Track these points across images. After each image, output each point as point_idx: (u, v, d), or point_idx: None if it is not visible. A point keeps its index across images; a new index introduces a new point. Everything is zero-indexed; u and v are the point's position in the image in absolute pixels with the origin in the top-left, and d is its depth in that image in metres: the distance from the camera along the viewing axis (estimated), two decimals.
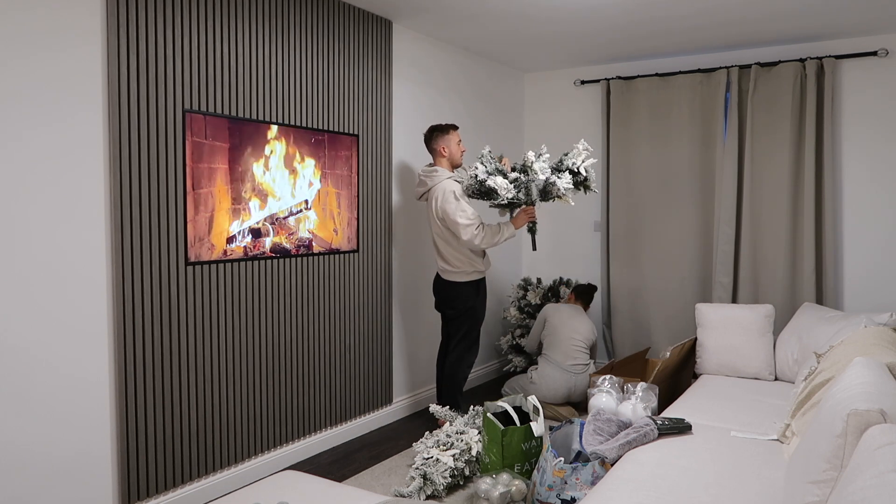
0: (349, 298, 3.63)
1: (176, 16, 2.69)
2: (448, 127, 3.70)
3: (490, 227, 3.56)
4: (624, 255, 4.87)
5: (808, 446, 1.77)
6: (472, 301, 3.73)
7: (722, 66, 4.46)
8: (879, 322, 3.12)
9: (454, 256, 3.66)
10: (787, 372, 3.49)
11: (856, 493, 1.28)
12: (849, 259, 4.21)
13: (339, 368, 3.59)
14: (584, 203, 5.08)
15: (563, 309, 4.20)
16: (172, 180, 2.71)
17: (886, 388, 1.75)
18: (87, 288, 2.46)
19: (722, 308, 3.77)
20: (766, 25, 3.88)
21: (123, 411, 2.57)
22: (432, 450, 3.01)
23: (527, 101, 5.37)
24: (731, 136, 4.39)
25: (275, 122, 3.14)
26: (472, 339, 3.79)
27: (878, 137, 4.11)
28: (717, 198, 4.46)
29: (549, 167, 3.50)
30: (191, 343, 2.82)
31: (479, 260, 3.72)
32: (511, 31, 4.05)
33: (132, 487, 2.62)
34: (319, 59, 3.38)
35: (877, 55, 4.06)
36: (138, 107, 2.57)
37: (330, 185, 3.46)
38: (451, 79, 4.44)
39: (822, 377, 2.41)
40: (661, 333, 4.75)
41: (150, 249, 2.64)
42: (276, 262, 3.19)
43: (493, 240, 3.56)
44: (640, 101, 4.73)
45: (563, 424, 2.87)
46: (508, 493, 2.66)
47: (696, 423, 2.76)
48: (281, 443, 3.27)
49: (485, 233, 3.53)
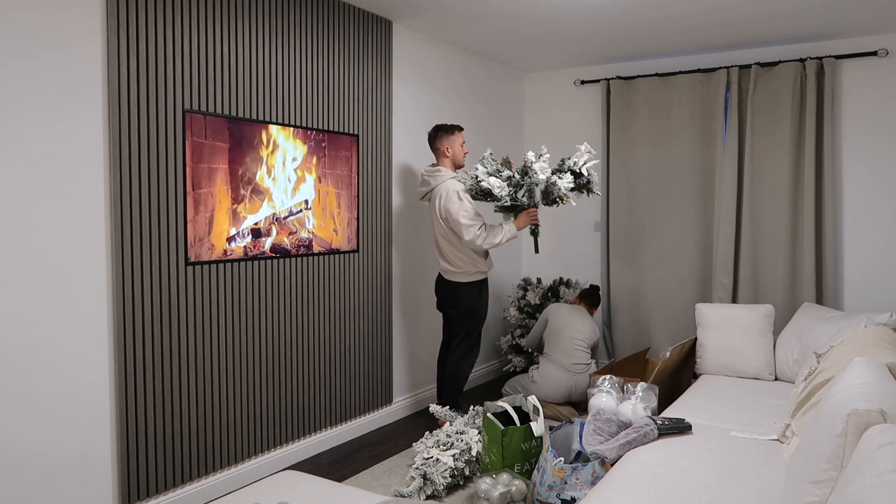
0: (349, 298, 3.63)
1: (176, 16, 2.69)
2: (453, 128, 3.71)
3: (492, 228, 3.57)
4: (624, 255, 4.86)
5: (808, 446, 1.77)
6: (474, 301, 3.73)
7: (722, 66, 4.46)
8: (879, 322, 3.12)
9: (457, 257, 3.66)
10: (787, 372, 3.49)
11: (856, 493, 1.28)
12: (849, 259, 4.21)
13: (339, 368, 3.59)
14: (584, 203, 5.08)
15: (566, 309, 4.20)
16: (172, 180, 2.71)
17: (886, 388, 1.75)
18: (87, 288, 2.46)
19: (722, 308, 3.77)
20: (766, 25, 3.88)
21: (123, 411, 2.57)
22: (432, 450, 3.01)
23: (527, 101, 5.36)
24: (731, 136, 4.39)
25: (275, 122, 3.14)
26: (473, 340, 3.79)
27: (877, 137, 4.11)
28: (717, 198, 4.46)
29: (549, 168, 3.50)
30: (191, 343, 2.82)
31: (481, 260, 3.72)
32: (511, 31, 4.05)
33: (132, 487, 2.62)
34: (319, 59, 3.38)
35: (877, 55, 4.06)
36: (138, 107, 2.57)
37: (330, 185, 3.46)
38: (451, 79, 4.44)
39: (822, 377, 2.41)
40: (661, 333, 4.75)
41: (150, 249, 2.64)
42: (276, 262, 3.19)
43: (495, 240, 3.56)
44: (640, 101, 4.73)
45: (563, 424, 2.87)
46: (508, 493, 2.66)
47: (696, 423, 2.76)
48: (281, 443, 3.27)
49: (487, 233, 3.55)
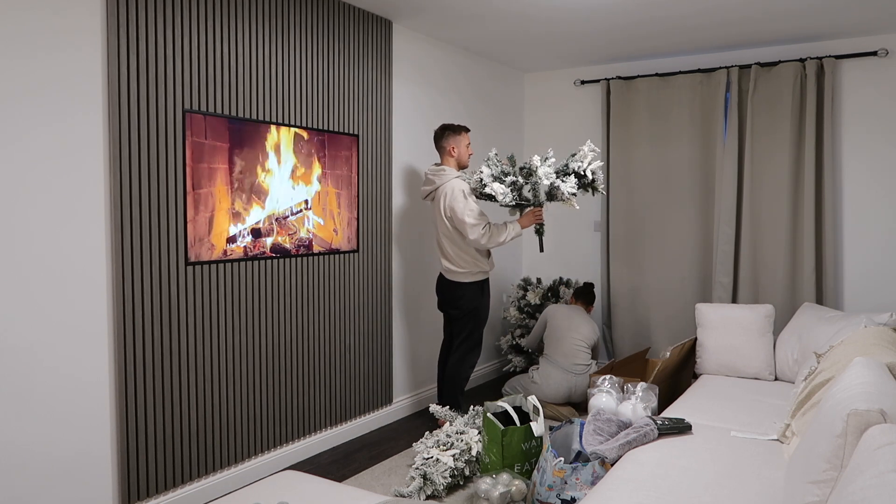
0: (349, 298, 3.63)
1: (176, 16, 2.69)
2: (460, 128, 3.73)
3: (496, 227, 3.59)
4: (624, 255, 4.87)
5: (808, 446, 1.77)
6: (476, 301, 3.74)
7: (722, 66, 4.46)
8: (879, 322, 3.12)
9: (460, 256, 3.67)
10: (787, 372, 3.49)
11: (856, 493, 1.28)
12: (849, 259, 4.22)
13: (339, 368, 3.59)
14: (584, 203, 5.08)
15: (565, 310, 4.20)
16: (172, 180, 2.71)
17: (886, 388, 1.75)
18: (87, 288, 2.46)
19: (722, 308, 3.77)
20: (766, 25, 3.88)
21: (123, 411, 2.57)
22: (432, 450, 3.01)
23: (527, 101, 5.36)
24: (731, 136, 4.39)
25: (275, 122, 3.14)
26: (474, 340, 3.80)
27: (877, 137, 4.11)
28: (717, 198, 4.46)
29: (553, 172, 3.48)
30: (191, 343, 2.82)
31: (483, 260, 3.73)
32: (511, 31, 4.05)
33: (132, 487, 2.62)
34: (319, 59, 3.38)
35: (877, 55, 4.06)
36: (138, 107, 2.57)
37: (330, 185, 3.46)
38: (451, 79, 4.44)
39: (822, 377, 2.41)
40: (661, 333, 4.75)
41: (150, 249, 2.64)
42: (276, 262, 3.19)
43: (499, 239, 3.57)
44: (640, 101, 4.73)
45: (563, 424, 2.87)
46: (508, 493, 2.66)
47: (696, 423, 2.76)
48: (281, 443, 3.27)
49: (491, 232, 3.56)
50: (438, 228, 3.71)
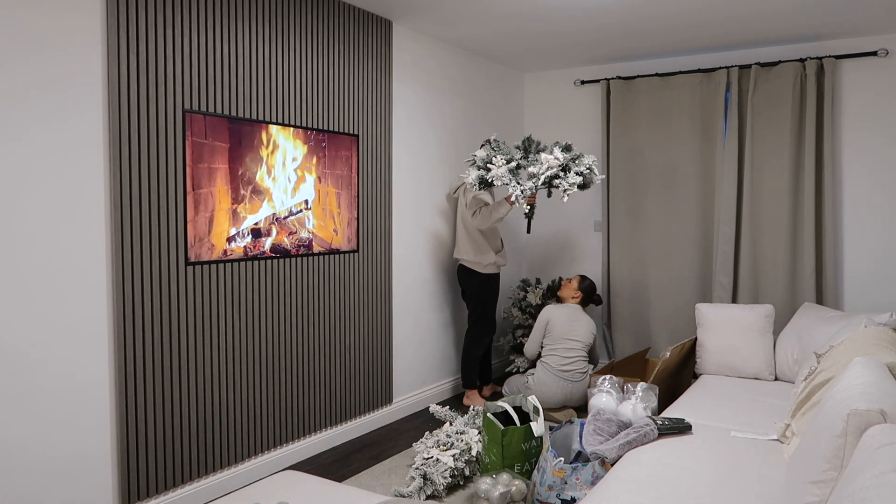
0: (349, 298, 3.63)
1: (176, 16, 2.69)
2: None
3: (486, 209, 4.07)
4: (624, 255, 4.86)
5: (808, 446, 1.77)
6: (478, 287, 4.24)
7: (722, 66, 4.46)
8: (879, 322, 3.12)
9: (475, 247, 4.17)
10: (787, 372, 3.49)
11: (856, 493, 1.28)
12: (849, 259, 4.21)
13: (339, 368, 3.59)
14: (584, 203, 5.09)
15: (563, 311, 4.14)
16: (172, 180, 2.71)
17: (886, 388, 1.75)
18: (87, 288, 2.46)
19: (722, 308, 3.77)
20: (766, 25, 3.88)
21: (123, 411, 2.57)
22: (432, 450, 3.01)
23: (527, 101, 5.36)
24: (731, 136, 4.39)
25: (275, 122, 3.14)
26: (484, 324, 4.32)
27: (878, 137, 4.11)
28: (717, 198, 4.46)
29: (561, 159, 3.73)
30: (191, 343, 2.82)
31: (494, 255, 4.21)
32: (511, 31, 4.05)
33: (132, 487, 2.62)
34: (319, 59, 3.38)
35: (877, 55, 4.06)
36: (138, 107, 2.57)
37: (330, 185, 3.46)
38: (451, 79, 4.44)
39: (822, 377, 2.41)
40: (661, 333, 4.75)
41: (150, 249, 2.64)
42: (276, 262, 3.19)
43: (491, 219, 4.03)
44: (640, 101, 4.73)
45: (564, 424, 2.87)
46: (508, 493, 2.66)
47: (696, 423, 2.76)
48: (281, 443, 3.27)
49: (482, 214, 4.07)
50: (463, 221, 4.20)
